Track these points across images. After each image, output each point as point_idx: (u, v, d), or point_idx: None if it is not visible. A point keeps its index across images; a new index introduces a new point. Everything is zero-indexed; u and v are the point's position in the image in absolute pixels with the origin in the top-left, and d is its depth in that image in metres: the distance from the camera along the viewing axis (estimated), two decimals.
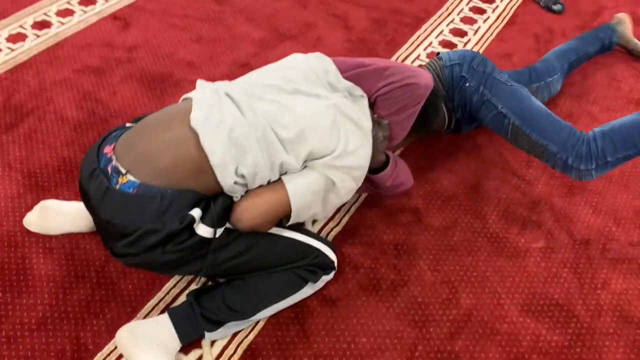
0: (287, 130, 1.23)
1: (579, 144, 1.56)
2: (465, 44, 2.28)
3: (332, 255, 1.39)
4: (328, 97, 1.31)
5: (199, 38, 2.18)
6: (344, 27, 2.31)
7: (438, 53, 1.81)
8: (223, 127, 1.19)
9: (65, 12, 2.22)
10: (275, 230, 1.32)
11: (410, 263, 1.52)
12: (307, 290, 1.37)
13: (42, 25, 2.15)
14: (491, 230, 1.62)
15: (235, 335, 1.34)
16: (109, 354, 1.30)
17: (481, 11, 2.47)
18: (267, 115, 1.24)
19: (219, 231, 1.21)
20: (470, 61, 1.69)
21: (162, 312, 1.37)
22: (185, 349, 1.31)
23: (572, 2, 2.57)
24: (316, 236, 1.40)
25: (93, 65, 2.01)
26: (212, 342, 1.33)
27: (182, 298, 1.40)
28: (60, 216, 1.46)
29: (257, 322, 1.37)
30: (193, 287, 1.43)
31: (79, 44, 2.09)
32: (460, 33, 2.33)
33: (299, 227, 1.38)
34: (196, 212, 1.17)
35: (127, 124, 1.35)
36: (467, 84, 1.67)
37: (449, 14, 2.43)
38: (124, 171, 1.17)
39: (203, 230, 1.19)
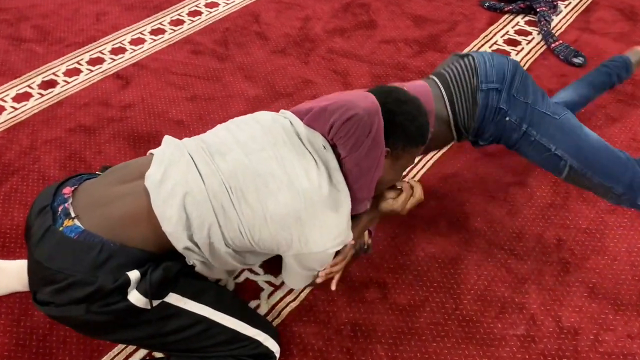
0: (251, 204, 1.15)
1: None
2: None
3: (274, 347, 1.28)
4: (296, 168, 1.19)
5: (193, 96, 2.19)
6: (343, 84, 2.25)
7: (468, 54, 1.53)
8: (178, 191, 1.13)
9: (73, 72, 2.30)
10: (218, 317, 1.22)
11: (366, 347, 1.39)
12: None
13: (49, 84, 2.24)
14: (464, 313, 1.46)
15: None
16: None
17: None
18: (229, 176, 1.15)
19: (155, 302, 1.14)
20: (509, 85, 1.43)
21: None
22: None
23: (596, 54, 2.39)
24: (262, 325, 1.30)
25: (86, 124, 2.05)
26: None
27: None
28: (6, 275, 1.46)
29: None
30: None
31: (78, 102, 2.15)
32: None
33: (246, 313, 1.29)
34: (134, 275, 1.11)
35: (97, 172, 1.34)
36: (507, 118, 1.44)
37: None
38: (73, 215, 1.14)
39: (134, 298, 1.11)
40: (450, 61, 1.57)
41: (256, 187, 1.15)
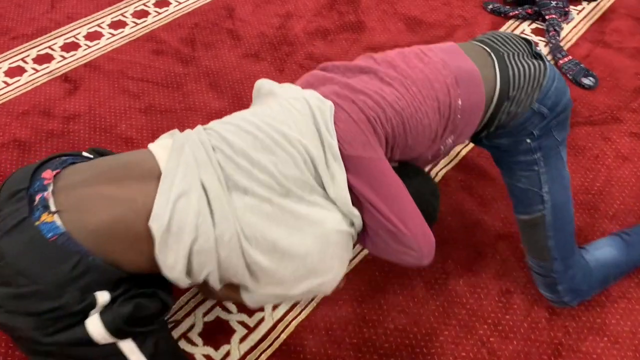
0: (264, 257, 0.99)
1: (578, 277, 1.33)
2: None
3: None
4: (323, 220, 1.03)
5: (148, 107, 1.92)
6: None
7: (540, 54, 1.26)
8: (186, 238, 0.95)
9: (16, 71, 2.03)
10: None
11: None
12: None
13: None
14: None
15: None
16: None
17: None
18: (245, 224, 0.98)
19: (111, 339, 0.93)
20: (555, 116, 1.23)
21: None
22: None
23: (609, 74, 2.11)
24: None
25: (22, 138, 1.79)
26: None
27: None
28: None
29: None
30: None
31: (16, 110, 1.89)
32: None
33: None
34: (102, 297, 0.92)
35: (84, 153, 1.13)
36: (529, 141, 1.25)
37: None
38: (53, 209, 0.93)
39: (93, 326, 0.91)
40: (520, 50, 1.26)
41: (274, 241, 0.99)
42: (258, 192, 0.98)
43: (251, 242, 0.98)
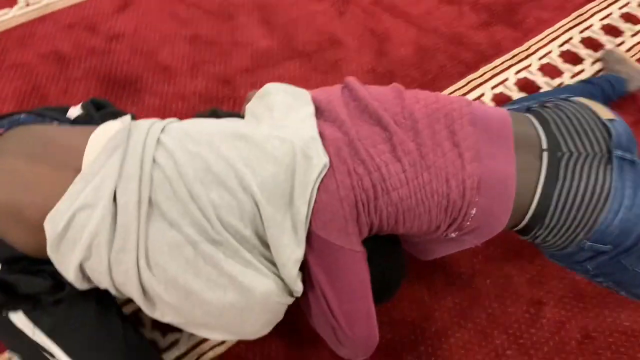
0: (170, 296, 0.85)
1: None
2: None
3: None
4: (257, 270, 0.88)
5: (194, 37, 1.81)
6: (377, 52, 1.80)
7: (609, 164, 0.92)
8: (77, 252, 0.84)
9: None
10: None
11: None
12: None
13: None
14: None
15: None
16: None
17: (579, 61, 1.80)
18: (155, 265, 0.83)
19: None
20: (623, 251, 0.94)
21: None
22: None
23: None
24: None
25: (63, 51, 1.75)
26: None
27: None
28: None
29: None
30: None
31: (62, 21, 1.83)
32: (529, 88, 1.71)
33: None
34: None
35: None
36: (586, 265, 1.02)
37: (527, 57, 1.80)
38: None
39: None
40: (592, 148, 0.93)
41: (187, 290, 0.84)
42: (186, 231, 0.82)
43: (159, 280, 0.84)
